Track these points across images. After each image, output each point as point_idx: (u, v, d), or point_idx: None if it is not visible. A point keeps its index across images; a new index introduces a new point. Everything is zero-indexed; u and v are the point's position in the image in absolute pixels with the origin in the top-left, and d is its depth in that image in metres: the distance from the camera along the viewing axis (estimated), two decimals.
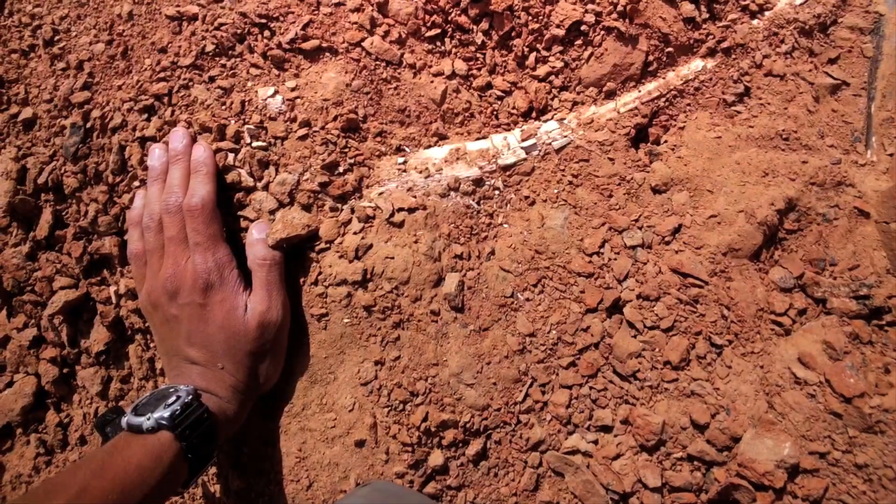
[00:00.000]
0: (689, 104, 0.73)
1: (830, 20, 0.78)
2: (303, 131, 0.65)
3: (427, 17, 0.71)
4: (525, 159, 0.69)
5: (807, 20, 0.77)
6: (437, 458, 0.59)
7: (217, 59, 0.69)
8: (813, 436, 0.56)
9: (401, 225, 0.63)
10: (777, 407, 0.58)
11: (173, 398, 0.53)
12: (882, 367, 0.58)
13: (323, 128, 0.65)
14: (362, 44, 0.69)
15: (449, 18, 0.72)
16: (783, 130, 0.70)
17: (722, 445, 0.56)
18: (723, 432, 0.56)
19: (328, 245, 0.62)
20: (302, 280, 0.62)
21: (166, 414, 0.52)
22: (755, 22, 0.77)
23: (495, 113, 0.73)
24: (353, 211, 0.63)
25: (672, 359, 0.59)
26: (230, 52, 0.69)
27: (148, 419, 0.51)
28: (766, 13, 0.78)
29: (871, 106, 0.75)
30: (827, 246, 0.66)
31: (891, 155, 0.72)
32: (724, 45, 0.74)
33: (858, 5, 0.79)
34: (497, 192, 0.69)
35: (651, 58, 0.74)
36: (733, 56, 0.75)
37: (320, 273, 0.62)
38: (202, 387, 0.57)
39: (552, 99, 0.74)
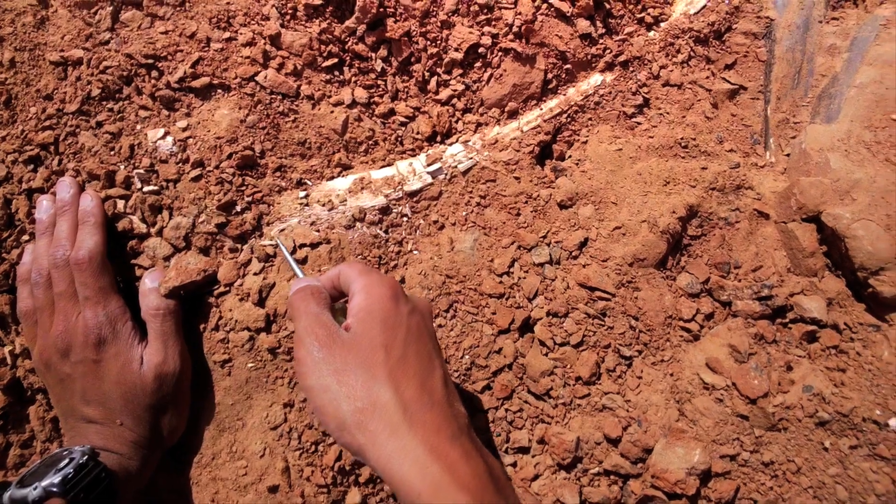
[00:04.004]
0: (590, 119, 0.77)
1: (725, 27, 0.84)
2: (196, 172, 0.66)
3: (322, 47, 0.73)
4: (432, 184, 0.72)
5: (701, 28, 0.82)
6: (354, 496, 0.60)
7: (104, 103, 0.69)
8: (723, 439, 0.59)
9: (304, 261, 0.64)
10: (688, 414, 0.61)
11: (65, 461, 0.53)
12: (784, 366, 0.62)
13: (217, 167, 0.66)
14: (256, 78, 0.70)
15: (346, 47, 0.74)
16: (682, 139, 0.74)
17: (635, 458, 0.59)
18: (635, 445, 0.59)
19: (228, 288, 0.63)
20: (202, 326, 0.63)
21: (56, 480, 0.51)
22: (651, 34, 0.82)
23: (400, 139, 0.75)
24: (252, 251, 0.64)
25: (583, 374, 0.62)
26: (117, 95, 0.69)
27: (34, 489, 0.51)
28: (662, 24, 0.83)
29: (768, 108, 0.81)
30: (730, 249, 0.70)
31: (788, 155, 0.77)
32: (622, 58, 0.79)
33: (750, 11, 0.85)
34: (405, 218, 0.71)
35: (550, 75, 0.78)
36: (631, 69, 0.79)
37: (220, 318, 0.62)
38: (100, 445, 0.57)
39: (456, 122, 0.76)
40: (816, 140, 0.73)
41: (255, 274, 0.63)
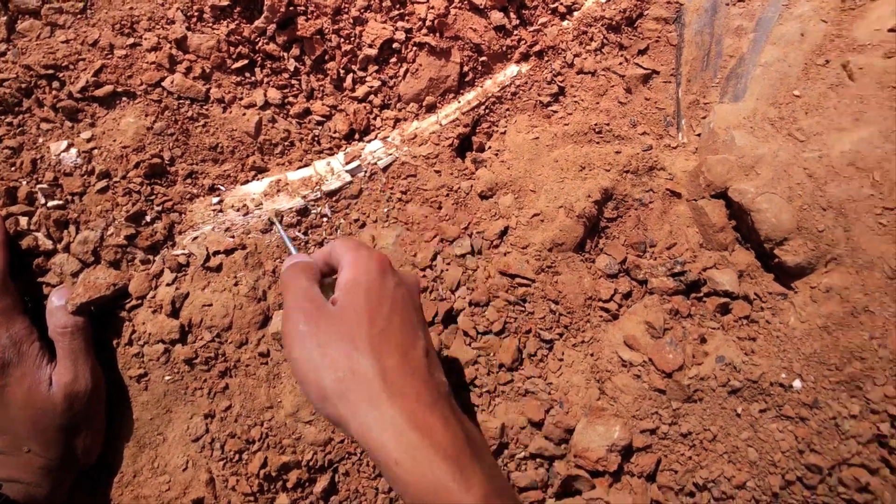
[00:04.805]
0: (508, 109, 0.78)
1: (636, 14, 0.86)
2: (102, 183, 0.64)
3: (232, 48, 0.72)
4: (351, 182, 0.72)
5: (613, 16, 0.84)
6: (283, 502, 0.60)
7: (3, 117, 0.67)
8: (642, 414, 0.61)
9: (218, 269, 0.63)
10: (608, 392, 0.62)
11: None
12: (699, 338, 0.64)
13: (124, 177, 0.65)
14: (162, 83, 0.69)
15: (256, 48, 0.74)
16: (596, 124, 0.76)
17: (559, 439, 0.60)
18: (557, 426, 0.60)
19: (140, 301, 0.61)
20: (116, 341, 0.62)
21: None
22: (565, 23, 0.83)
23: (316, 139, 0.75)
24: (164, 261, 0.63)
25: (505, 360, 0.63)
26: (17, 108, 0.67)
27: None
28: (575, 13, 0.84)
29: (679, 91, 0.83)
30: (646, 229, 0.72)
31: (699, 135, 0.79)
32: (537, 48, 0.80)
33: None
34: (325, 219, 0.70)
35: (466, 68, 0.78)
36: (546, 58, 0.80)
37: (134, 332, 0.61)
38: (3, 476, 0.55)
39: (374, 118, 0.76)
40: (724, 119, 0.76)
41: (167, 285, 0.62)
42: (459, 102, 0.78)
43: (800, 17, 0.81)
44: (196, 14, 0.72)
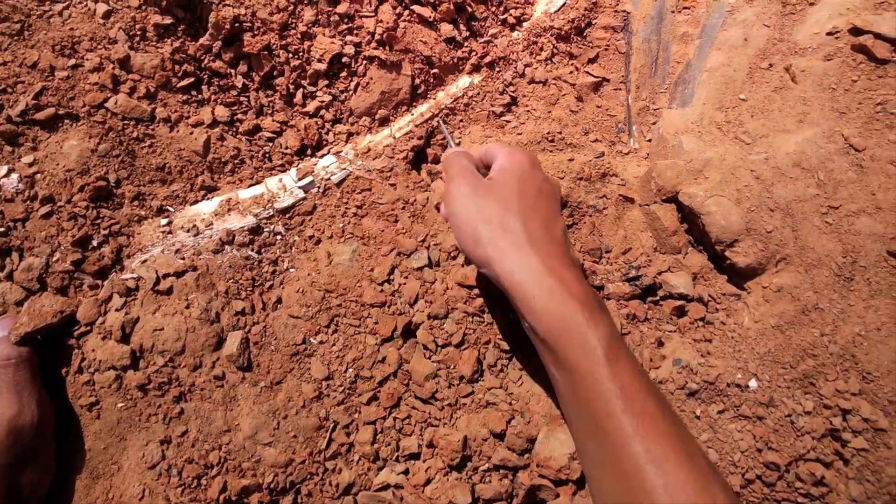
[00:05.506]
0: (462, 120, 0.79)
1: (585, 23, 0.87)
2: (46, 208, 0.63)
3: (177, 66, 0.71)
4: (304, 198, 0.71)
5: (562, 26, 0.85)
6: None
7: None
8: None
9: (169, 292, 0.62)
10: None
11: None
12: (656, 342, 0.65)
13: (69, 201, 0.63)
14: (105, 104, 0.68)
15: (202, 65, 0.73)
16: (549, 133, 0.77)
17: (521, 449, 0.61)
18: (518, 436, 0.61)
19: (89, 328, 0.60)
20: (65, 370, 0.60)
21: None
22: (515, 34, 0.84)
23: (267, 156, 0.74)
24: (113, 286, 0.62)
25: (465, 373, 0.63)
26: None
27: None
28: (524, 24, 0.86)
29: (629, 98, 0.85)
30: (601, 235, 0.73)
31: (650, 141, 0.81)
32: (488, 59, 0.81)
33: (608, 6, 0.89)
34: (279, 236, 0.70)
35: (418, 81, 0.79)
36: (497, 69, 0.81)
37: (83, 359, 0.60)
38: None
39: (326, 133, 0.76)
40: (672, 124, 0.77)
41: (117, 310, 0.61)
42: (413, 115, 0.78)
43: (743, 22, 0.84)
44: (139, 33, 0.71)
